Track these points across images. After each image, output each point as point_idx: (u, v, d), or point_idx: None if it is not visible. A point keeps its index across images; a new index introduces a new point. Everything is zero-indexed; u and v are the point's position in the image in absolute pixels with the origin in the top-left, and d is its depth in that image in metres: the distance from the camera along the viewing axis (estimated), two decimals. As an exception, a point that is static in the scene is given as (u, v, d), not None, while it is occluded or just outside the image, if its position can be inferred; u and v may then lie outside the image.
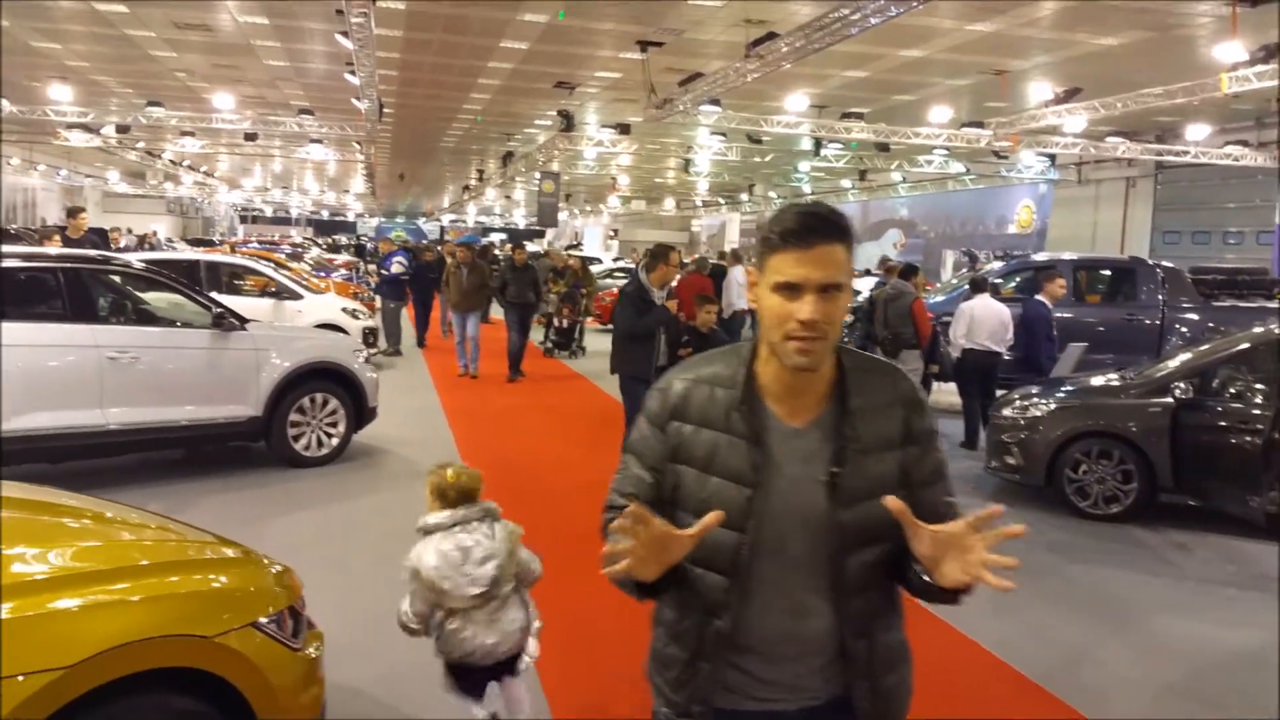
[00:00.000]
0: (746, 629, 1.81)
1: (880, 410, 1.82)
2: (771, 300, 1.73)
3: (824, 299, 1.69)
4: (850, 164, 27.38)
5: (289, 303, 12.52)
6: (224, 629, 2.73)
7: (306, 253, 27.00)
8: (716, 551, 1.78)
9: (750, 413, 1.79)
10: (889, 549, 1.79)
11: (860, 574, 1.79)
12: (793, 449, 1.78)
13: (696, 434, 1.83)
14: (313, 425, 7.98)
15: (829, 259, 1.69)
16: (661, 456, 1.87)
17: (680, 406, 1.86)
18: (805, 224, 1.71)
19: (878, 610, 1.85)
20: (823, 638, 1.82)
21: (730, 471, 1.78)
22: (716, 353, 1.93)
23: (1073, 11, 12.38)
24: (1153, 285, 12.15)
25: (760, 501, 1.76)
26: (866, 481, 1.76)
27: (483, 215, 64.28)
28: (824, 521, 1.76)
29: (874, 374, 1.86)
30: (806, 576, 1.79)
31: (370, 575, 5.61)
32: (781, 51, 12.50)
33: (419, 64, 17.58)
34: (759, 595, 1.80)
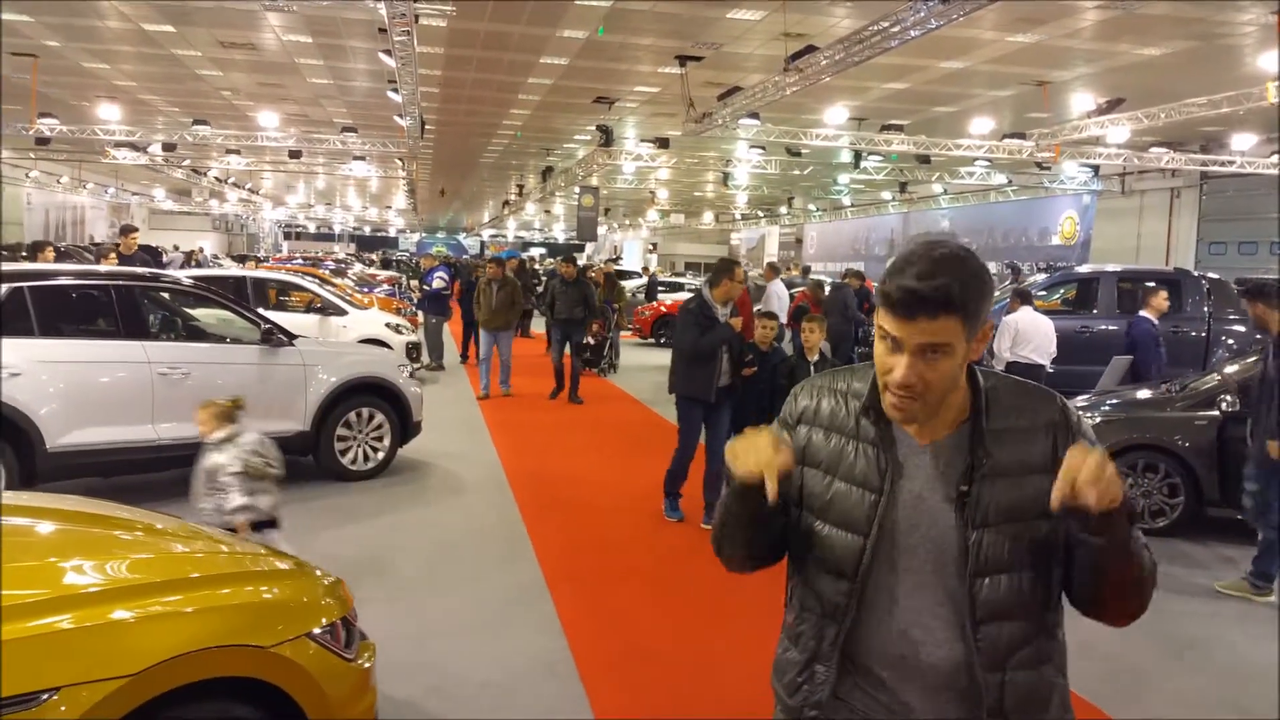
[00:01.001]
0: (866, 642, 1.75)
1: (1022, 433, 1.71)
2: (879, 346, 1.68)
3: (924, 360, 1.61)
4: (890, 176, 27.24)
5: (334, 318, 12.70)
6: (279, 639, 2.80)
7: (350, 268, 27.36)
8: (839, 553, 1.75)
9: (880, 419, 1.74)
10: (1032, 579, 1.68)
11: (991, 602, 1.67)
12: (921, 463, 1.72)
13: (825, 438, 1.81)
14: (359, 439, 8.10)
15: (934, 329, 1.60)
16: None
17: (810, 411, 1.85)
18: (908, 298, 1.60)
19: (1016, 643, 1.69)
20: (950, 667, 1.69)
21: (856, 476, 1.75)
22: (854, 368, 1.89)
23: (1115, 22, 12.27)
24: (1198, 297, 11.99)
25: (884, 510, 1.71)
26: (1001, 505, 1.67)
27: (522, 230, 64.79)
28: (951, 541, 1.68)
29: (1020, 396, 1.76)
30: (932, 599, 1.70)
31: (418, 587, 5.69)
32: (821, 64, 12.51)
33: (460, 81, 17.81)
34: (880, 608, 1.73)
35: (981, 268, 1.65)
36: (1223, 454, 7.03)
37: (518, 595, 5.58)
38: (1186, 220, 22.75)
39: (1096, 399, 8.27)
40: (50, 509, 3.49)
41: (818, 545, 1.78)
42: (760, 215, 44.58)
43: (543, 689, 4.39)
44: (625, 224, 56.85)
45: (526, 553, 6.38)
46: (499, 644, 4.86)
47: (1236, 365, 7.85)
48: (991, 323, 1.74)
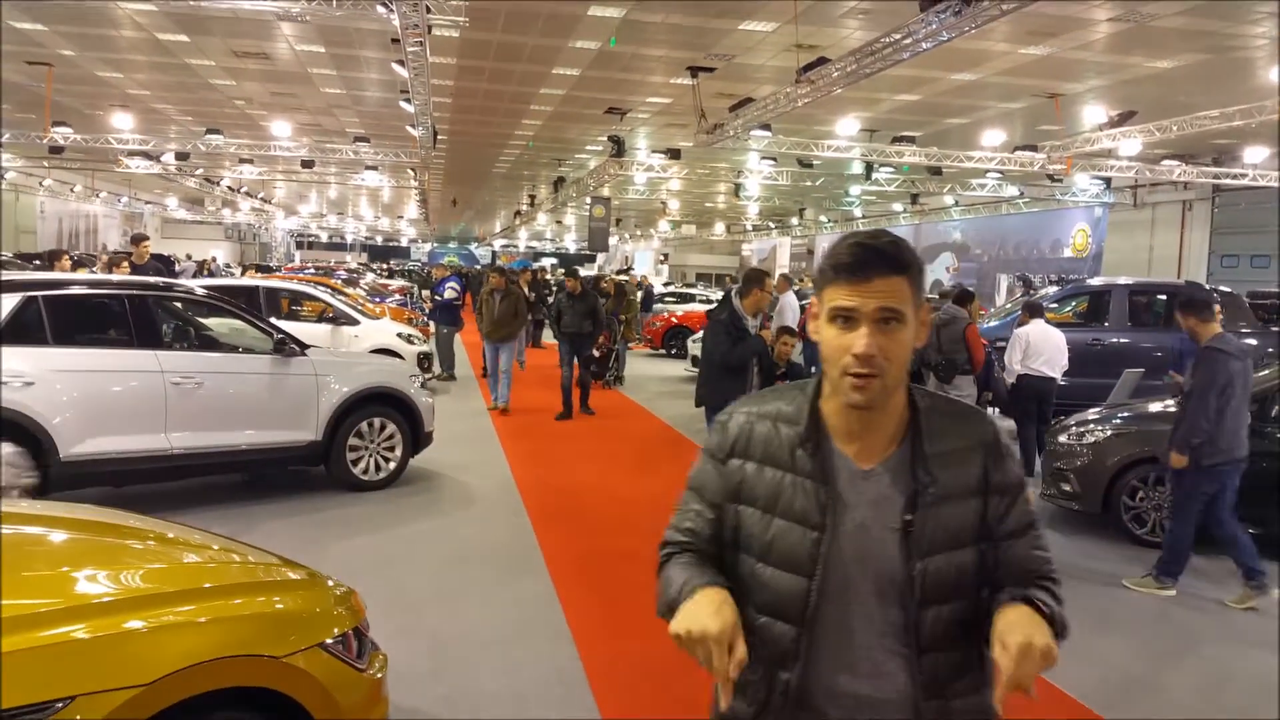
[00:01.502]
0: (815, 685, 1.68)
1: (958, 454, 1.68)
2: (828, 332, 1.63)
3: (882, 332, 1.58)
4: (902, 188, 27.23)
5: (346, 328, 12.75)
6: (292, 649, 2.80)
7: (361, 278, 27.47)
8: (784, 599, 1.67)
9: (817, 450, 1.68)
10: (969, 605, 1.67)
11: (935, 632, 1.65)
12: (862, 492, 1.66)
13: (760, 472, 1.72)
14: (371, 449, 8.11)
15: (887, 291, 1.58)
16: (722, 493, 1.76)
17: (741, 442, 1.75)
18: (860, 256, 1.60)
19: (957, 672, 1.68)
20: (897, 701, 1.67)
21: (796, 513, 1.67)
22: (780, 388, 1.83)
23: (1127, 35, 12.26)
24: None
25: (828, 546, 1.65)
26: (943, 531, 1.64)
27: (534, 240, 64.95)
28: (897, 572, 1.63)
29: (951, 416, 1.72)
30: (876, 632, 1.66)
31: (430, 598, 5.69)
32: (832, 76, 12.52)
33: (472, 91, 17.89)
34: (828, 648, 1.67)
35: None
36: (1236, 468, 6.98)
37: (528, 605, 5.58)
38: (1199, 233, 22.68)
39: (1108, 412, 8.24)
40: (63, 518, 3.51)
41: (760, 589, 1.70)
42: (772, 226, 44.60)
43: (553, 699, 4.39)
44: (637, 234, 56.94)
45: (537, 563, 6.38)
46: (510, 654, 4.86)
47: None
48: (929, 308, 1.71)
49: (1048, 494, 7.98)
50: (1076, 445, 7.67)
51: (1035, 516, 1.76)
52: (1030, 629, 1.49)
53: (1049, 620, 1.55)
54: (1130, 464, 7.37)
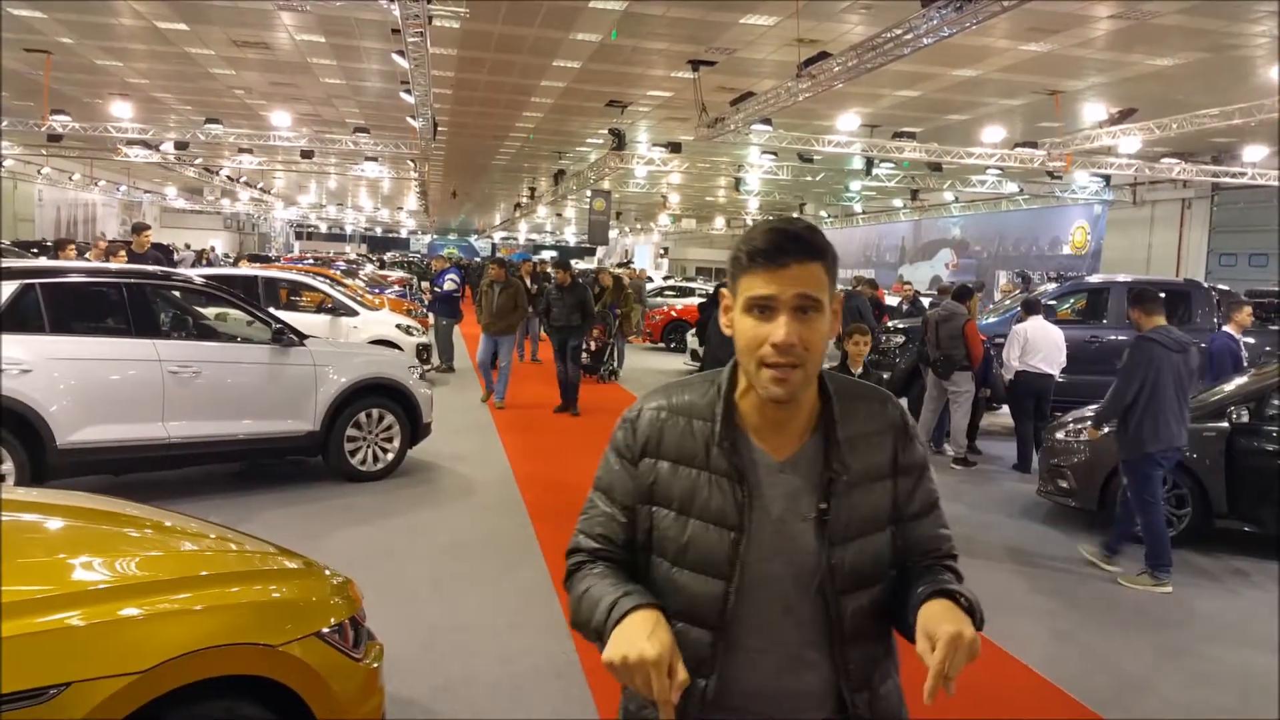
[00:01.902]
0: (735, 687, 1.63)
1: (868, 439, 1.67)
2: (744, 323, 1.57)
3: (800, 321, 1.54)
4: (902, 183, 27.23)
5: (345, 319, 12.75)
6: (288, 638, 2.81)
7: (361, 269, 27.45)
8: (700, 603, 1.62)
9: (733, 448, 1.63)
10: (883, 589, 1.66)
11: (855, 620, 1.63)
12: (777, 485, 1.62)
13: (674, 472, 1.66)
14: (369, 440, 8.12)
15: (803, 277, 1.54)
16: (632, 495, 1.70)
17: (653, 441, 1.69)
18: (776, 242, 1.55)
19: (876, 660, 1.68)
20: (819, 693, 1.64)
21: (712, 513, 1.62)
22: (688, 379, 1.76)
23: (1127, 32, 12.26)
24: (1208, 308, 11.96)
25: (746, 545, 1.60)
26: (857, 517, 1.63)
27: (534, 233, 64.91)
28: (814, 563, 1.60)
29: (861, 400, 1.70)
30: (798, 626, 1.62)
31: (427, 589, 5.71)
32: (833, 71, 12.51)
33: (473, 83, 17.87)
34: (747, 649, 1.63)
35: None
36: (1231, 466, 7.01)
37: (525, 596, 5.59)
38: (1197, 231, 22.70)
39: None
40: (60, 505, 3.52)
41: (675, 593, 1.64)
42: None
43: (549, 690, 4.41)
44: (637, 228, 56.92)
45: (535, 555, 6.39)
46: (507, 645, 4.87)
47: (1245, 377, 7.84)
48: (841, 297, 1.67)
49: (1044, 490, 7.99)
50: (1074, 442, 7.69)
51: (938, 496, 1.76)
52: (957, 622, 1.47)
53: (969, 612, 1.52)
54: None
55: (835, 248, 1.63)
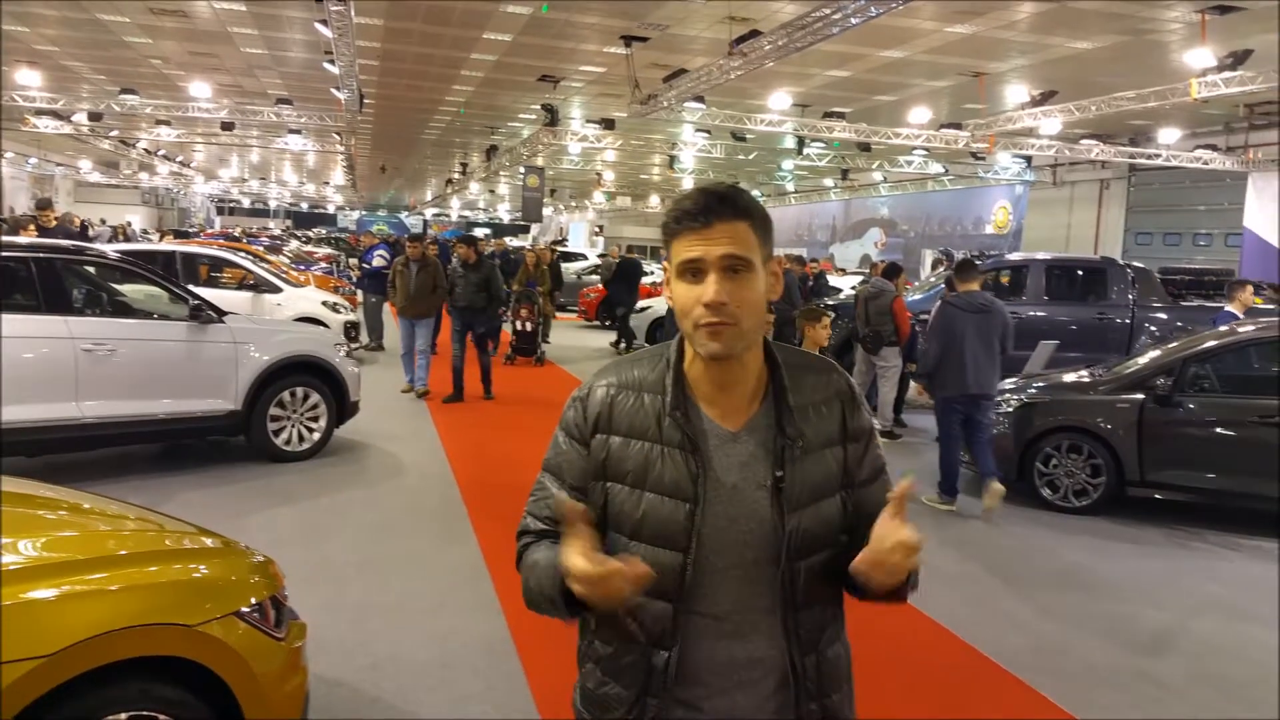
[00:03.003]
0: (693, 658, 1.65)
1: (818, 406, 1.70)
2: (678, 289, 1.60)
3: (731, 280, 1.56)
4: (833, 163, 27.50)
5: (268, 296, 12.49)
6: (206, 618, 2.76)
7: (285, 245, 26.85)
8: (658, 575, 1.60)
9: (685, 418, 1.64)
10: (834, 554, 1.68)
11: (809, 585, 1.66)
12: (730, 454, 1.65)
13: (626, 446, 1.66)
14: (293, 420, 7.97)
15: (731, 235, 1.56)
16: (584, 474, 1.71)
17: (605, 417, 1.69)
18: (702, 202, 1.58)
19: (824, 623, 1.72)
20: (773, 658, 1.67)
21: (667, 486, 1.63)
22: (638, 354, 1.77)
23: (1049, 16, 12.52)
24: (1123, 285, 12.34)
25: (701, 516, 1.62)
26: (810, 483, 1.66)
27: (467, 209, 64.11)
28: (768, 531, 1.63)
29: (808, 369, 1.74)
30: (755, 592, 1.65)
31: (354, 569, 5.64)
32: (764, 49, 12.57)
33: (400, 54, 17.53)
34: (706, 618, 1.65)
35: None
36: (1143, 435, 7.27)
37: (457, 575, 5.56)
38: (1115, 211, 23.38)
39: (1023, 382, 8.49)
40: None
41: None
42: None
43: (481, 667, 4.39)
44: (572, 206, 56.59)
45: (466, 534, 6.36)
46: (437, 624, 4.84)
47: (1159, 350, 8.12)
48: (782, 260, 1.68)
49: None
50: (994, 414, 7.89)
51: (884, 461, 1.80)
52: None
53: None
54: (1044, 432, 7.62)
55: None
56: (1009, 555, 6.49)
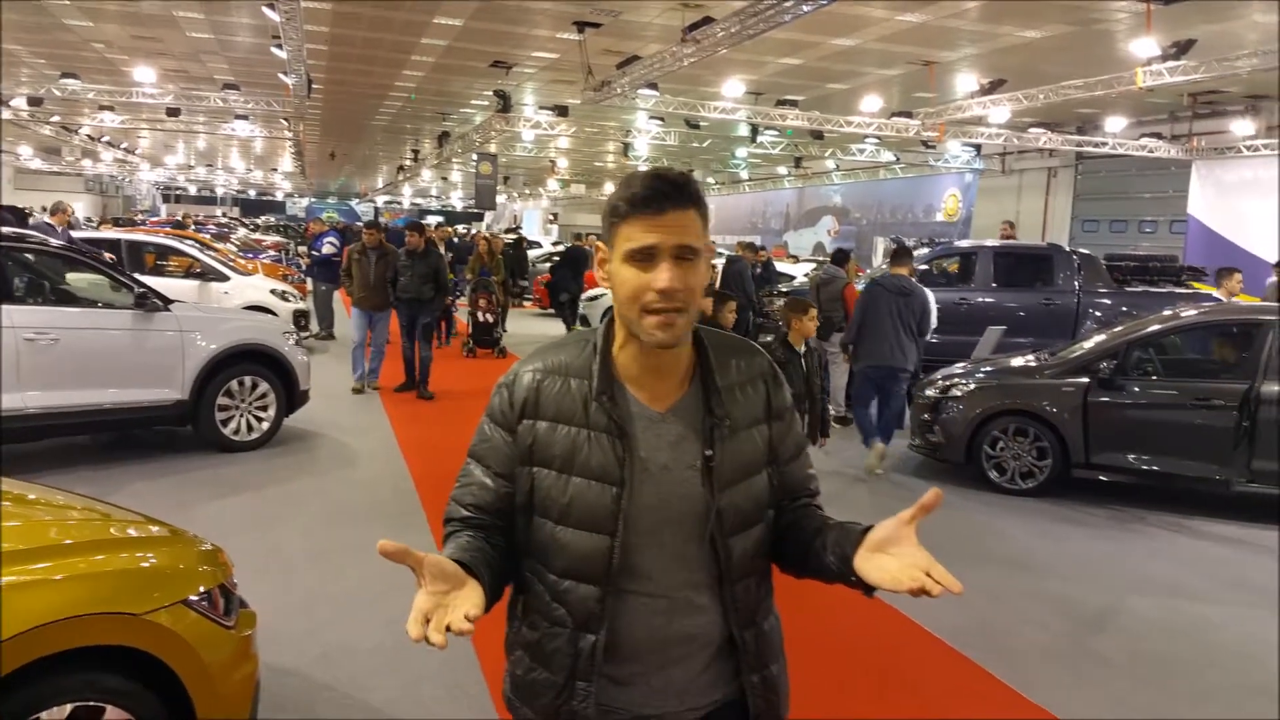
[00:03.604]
0: (626, 637, 1.66)
1: (743, 386, 1.74)
2: (625, 273, 1.59)
3: (680, 266, 1.57)
4: (786, 151, 27.62)
5: (215, 284, 12.31)
6: (153, 606, 2.73)
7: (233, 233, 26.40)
8: (585, 560, 1.63)
9: (612, 402, 1.65)
10: (763, 529, 1.74)
11: (741, 560, 1.69)
12: (659, 436, 1.66)
13: (552, 431, 1.67)
14: (242, 409, 7.88)
15: (682, 224, 1.58)
16: (511, 460, 1.70)
17: (531, 402, 1.69)
18: (656, 189, 1.58)
19: (759, 596, 1.76)
20: (708, 633, 1.70)
21: (594, 470, 1.63)
22: (564, 339, 1.79)
23: (998, 4, 12.66)
24: (1069, 271, 12.57)
25: (629, 499, 1.62)
26: (739, 462, 1.69)
27: (419, 197, 63.46)
28: (700, 509, 1.65)
29: (733, 351, 1.77)
30: (686, 570, 1.67)
31: (304, 558, 5.60)
32: (717, 36, 12.58)
33: (349, 38, 17.28)
34: (636, 599, 1.65)
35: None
36: (1088, 419, 7.44)
37: (408, 563, 5.52)
38: (1062, 199, 23.75)
39: (972, 367, 8.63)
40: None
41: (560, 552, 1.65)
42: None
43: (434, 655, 4.36)
44: (525, 193, 56.27)
45: (419, 522, 6.33)
46: (389, 611, 4.82)
47: (1104, 334, 8.30)
48: (713, 248, 1.73)
49: (914, 444, 8.35)
50: (942, 398, 8.02)
51: (805, 438, 1.87)
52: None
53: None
54: (991, 415, 7.76)
55: (724, 213, 1.66)
56: (955, 536, 6.60)
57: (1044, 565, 6.14)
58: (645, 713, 1.70)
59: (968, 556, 6.21)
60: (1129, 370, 7.57)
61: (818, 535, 1.71)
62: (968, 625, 5.02)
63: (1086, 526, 7.04)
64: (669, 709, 1.70)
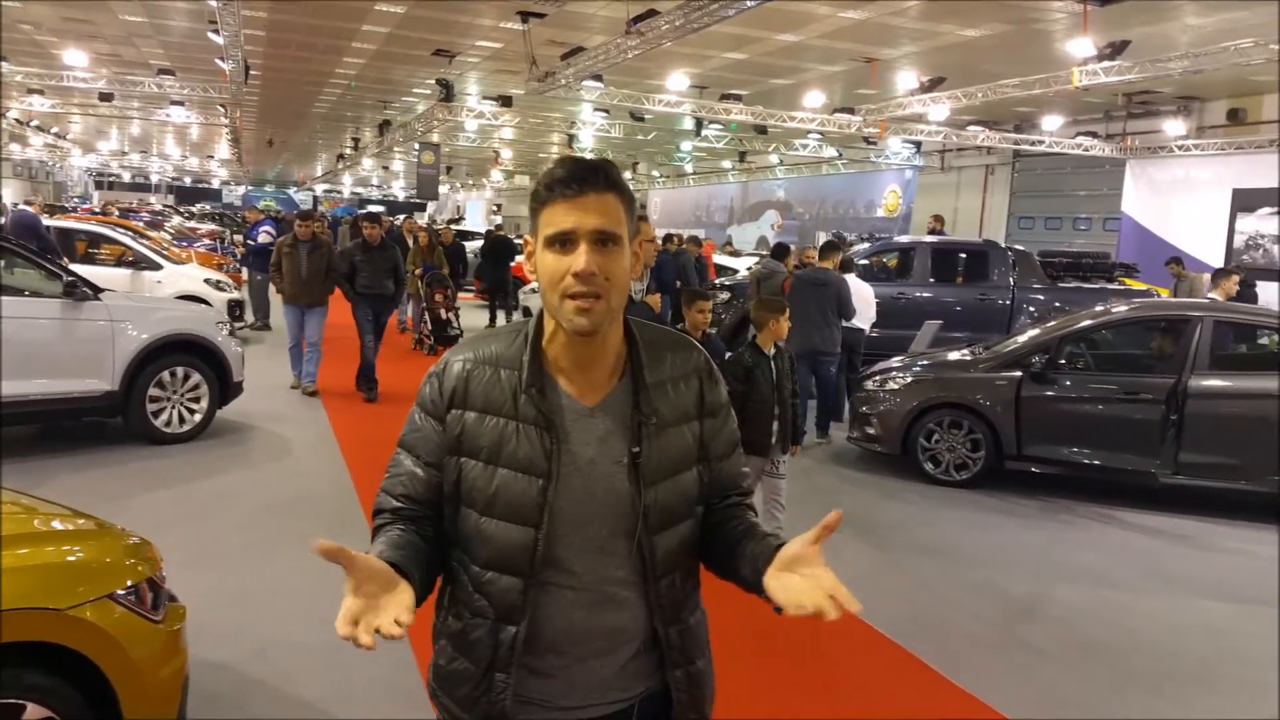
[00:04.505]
0: (548, 630, 1.66)
1: (675, 382, 1.72)
2: (545, 259, 1.58)
3: (601, 252, 1.56)
4: (730, 145, 27.75)
5: (147, 273, 12.04)
6: (78, 601, 2.68)
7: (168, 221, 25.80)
8: (509, 551, 1.63)
9: (540, 395, 1.64)
10: (691, 525, 1.73)
11: (667, 556, 1.69)
12: (587, 430, 1.65)
13: (480, 421, 1.66)
14: (174, 401, 7.72)
15: (602, 208, 1.57)
16: (439, 450, 1.69)
17: (460, 392, 1.68)
18: (574, 172, 1.58)
19: (685, 593, 1.75)
20: (632, 629, 1.69)
21: (520, 462, 1.62)
22: (496, 330, 1.77)
23: (939, 3, 12.84)
24: (1004, 267, 12.83)
25: (555, 492, 1.62)
26: (667, 459, 1.68)
27: (359, 186, 62.58)
28: (626, 505, 1.64)
29: (667, 346, 1.76)
30: (611, 565, 1.66)
31: (238, 552, 5.51)
32: (661, 29, 12.58)
33: (288, 24, 16.96)
34: (559, 592, 1.65)
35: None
36: (1020, 412, 7.60)
37: (345, 556, 5.46)
38: (999, 196, 24.20)
39: (908, 361, 8.77)
40: None
41: (485, 543, 1.65)
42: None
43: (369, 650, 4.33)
44: (469, 184, 55.79)
45: (356, 515, 6.26)
46: (326, 606, 4.69)
47: (1037, 329, 8.49)
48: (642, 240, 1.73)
49: (853, 436, 8.48)
50: (880, 391, 8.15)
51: (739, 436, 1.85)
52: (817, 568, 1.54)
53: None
54: (927, 409, 7.90)
55: (669, 207, 1.65)
56: (890, 528, 6.72)
57: (977, 555, 6.27)
58: (566, 705, 1.69)
59: (903, 547, 6.32)
60: (1060, 364, 7.76)
61: (739, 544, 1.71)
62: (902, 614, 5.11)
63: (1018, 517, 7.21)
64: (589, 702, 1.70)
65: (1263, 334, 8.32)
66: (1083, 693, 4.40)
